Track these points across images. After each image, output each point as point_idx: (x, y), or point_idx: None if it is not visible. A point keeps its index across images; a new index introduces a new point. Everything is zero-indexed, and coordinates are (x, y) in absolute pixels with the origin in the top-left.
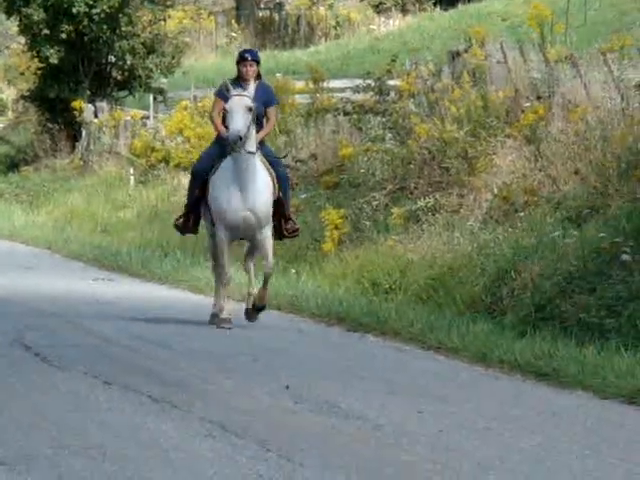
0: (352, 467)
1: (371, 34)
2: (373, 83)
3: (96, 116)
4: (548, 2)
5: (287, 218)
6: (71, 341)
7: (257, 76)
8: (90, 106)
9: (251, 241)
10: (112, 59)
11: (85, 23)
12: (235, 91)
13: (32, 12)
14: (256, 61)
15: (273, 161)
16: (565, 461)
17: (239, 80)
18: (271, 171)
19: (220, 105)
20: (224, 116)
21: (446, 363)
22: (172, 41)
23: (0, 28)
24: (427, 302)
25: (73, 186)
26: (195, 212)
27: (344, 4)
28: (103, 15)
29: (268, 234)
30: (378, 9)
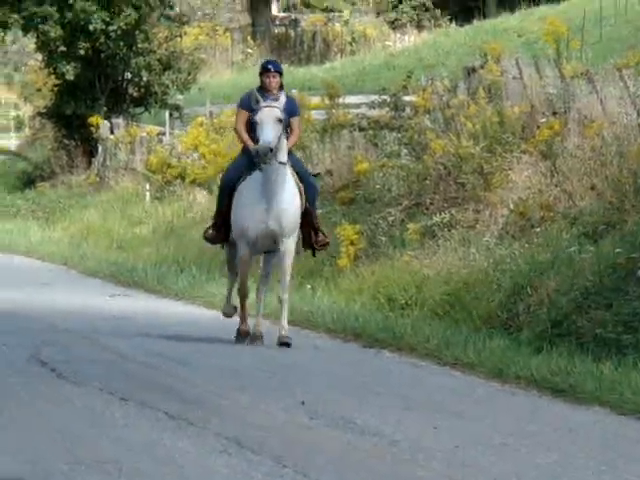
0: None
1: (387, 50)
2: (389, 99)
3: (112, 132)
4: (564, 18)
5: (316, 230)
6: (87, 357)
7: (280, 87)
8: (106, 122)
9: (273, 253)
10: (128, 75)
11: (102, 40)
12: (265, 102)
13: (49, 29)
14: (279, 72)
15: (301, 171)
16: (582, 477)
17: (262, 91)
18: (299, 184)
19: (244, 116)
20: (250, 127)
21: (462, 379)
22: (188, 57)
23: (17, 45)
24: (443, 318)
25: (89, 202)
26: (225, 223)
27: (360, 20)
28: (120, 32)
29: (291, 247)
30: (394, 25)
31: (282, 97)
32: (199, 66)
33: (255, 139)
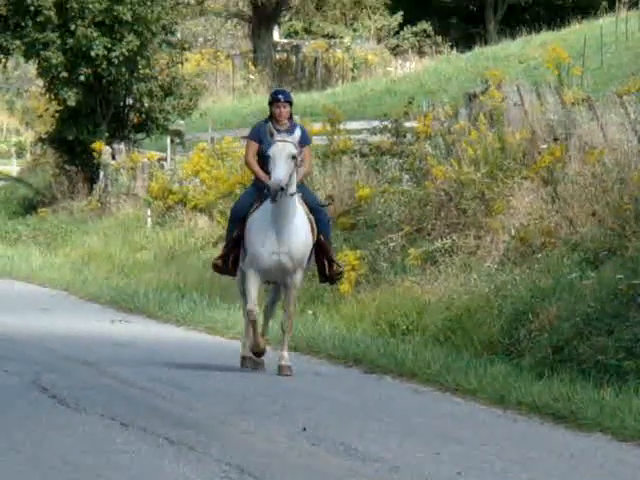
0: None
1: (388, 76)
2: (390, 125)
3: (114, 158)
4: (564, 45)
5: (331, 261)
6: (88, 383)
7: (289, 117)
8: (108, 148)
9: (279, 284)
10: (130, 101)
11: (103, 66)
12: (279, 136)
13: (50, 55)
14: (289, 102)
15: (313, 204)
16: None
17: (272, 121)
18: (310, 215)
19: (254, 148)
20: (261, 158)
21: (464, 405)
22: (189, 83)
23: (19, 71)
24: (444, 343)
25: (90, 228)
26: (234, 252)
27: (361, 46)
28: (121, 58)
29: (298, 280)
30: (395, 51)
31: (297, 131)
32: (200, 92)
33: (266, 171)
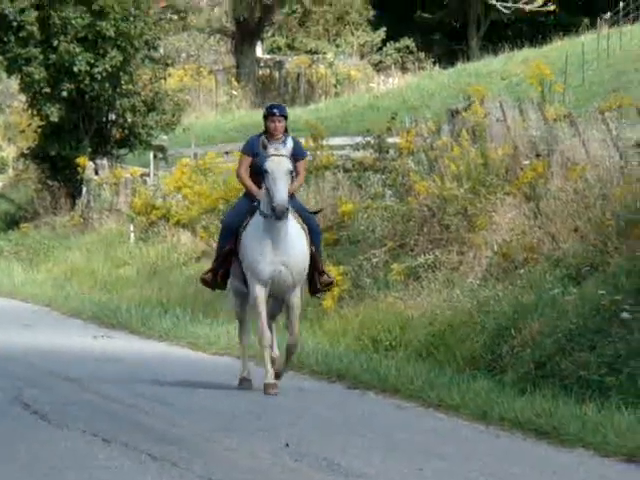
0: None
1: (371, 92)
2: (373, 141)
3: (97, 173)
4: (546, 62)
5: (320, 271)
6: (70, 399)
7: (284, 131)
8: (91, 163)
9: (280, 300)
10: (112, 117)
11: (86, 82)
12: (272, 147)
13: (33, 71)
14: (284, 116)
15: (304, 215)
16: None
17: (267, 136)
18: (304, 225)
19: (247, 162)
20: (253, 170)
21: (446, 420)
22: (172, 99)
23: (1, 86)
24: (427, 359)
25: (73, 243)
26: (224, 267)
27: (344, 62)
28: (104, 74)
29: (298, 295)
30: (378, 67)
31: (289, 141)
32: (183, 107)
33: (258, 184)
